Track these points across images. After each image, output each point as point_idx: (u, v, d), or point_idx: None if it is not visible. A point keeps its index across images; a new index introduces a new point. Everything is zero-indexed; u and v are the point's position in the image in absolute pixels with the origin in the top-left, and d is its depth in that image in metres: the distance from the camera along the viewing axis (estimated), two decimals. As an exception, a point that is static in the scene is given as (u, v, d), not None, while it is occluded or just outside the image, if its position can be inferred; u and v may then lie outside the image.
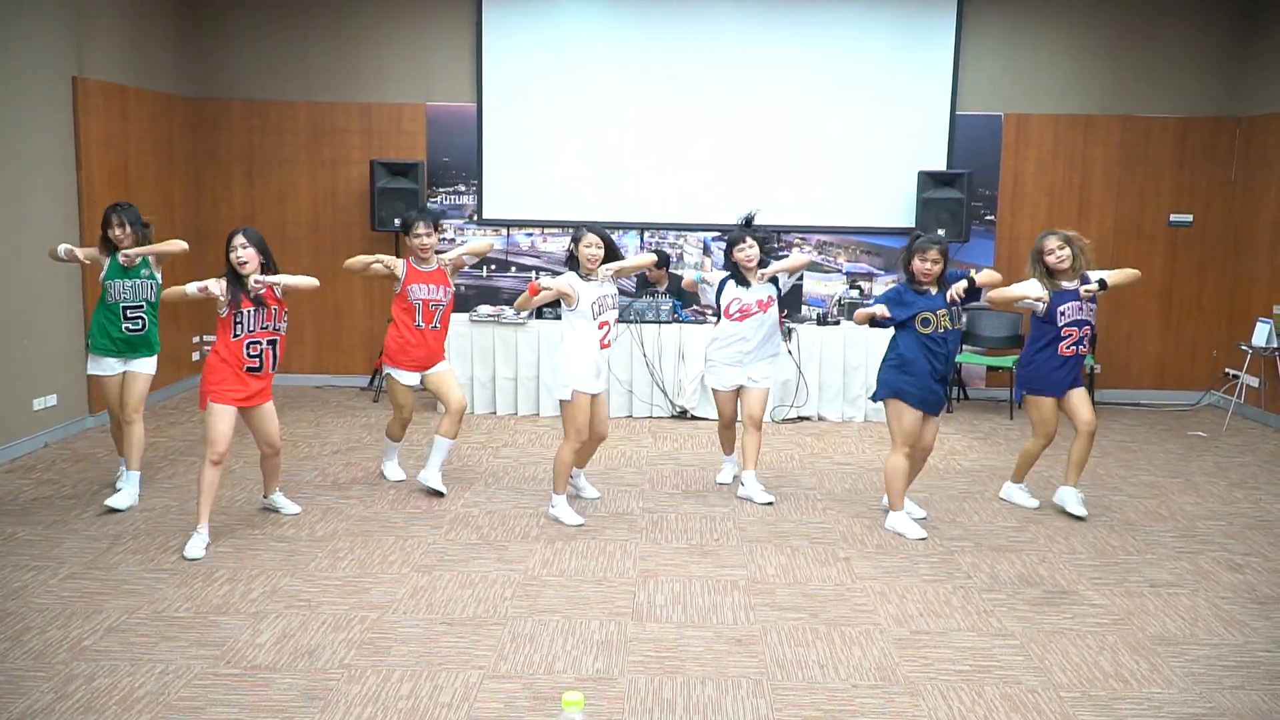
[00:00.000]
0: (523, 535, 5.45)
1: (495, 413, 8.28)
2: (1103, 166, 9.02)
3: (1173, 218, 9.09)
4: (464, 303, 9.08)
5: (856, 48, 8.88)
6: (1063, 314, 5.65)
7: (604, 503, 6.01)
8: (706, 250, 9.08)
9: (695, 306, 8.33)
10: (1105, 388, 9.14)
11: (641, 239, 7.14)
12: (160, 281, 5.85)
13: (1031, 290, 5.66)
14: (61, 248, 5.68)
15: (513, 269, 9.05)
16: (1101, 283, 5.56)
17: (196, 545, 5.04)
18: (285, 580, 4.79)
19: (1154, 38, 8.87)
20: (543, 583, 4.81)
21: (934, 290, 5.41)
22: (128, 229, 5.71)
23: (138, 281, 5.80)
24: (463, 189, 9.10)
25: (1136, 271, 5.71)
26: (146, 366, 5.86)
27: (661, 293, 8.52)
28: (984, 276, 5.44)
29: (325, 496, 6.04)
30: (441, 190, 9.09)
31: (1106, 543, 5.53)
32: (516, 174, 9.03)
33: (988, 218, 9.07)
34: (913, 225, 8.82)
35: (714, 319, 6.19)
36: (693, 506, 5.97)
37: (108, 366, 5.78)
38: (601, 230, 5.50)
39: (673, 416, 8.21)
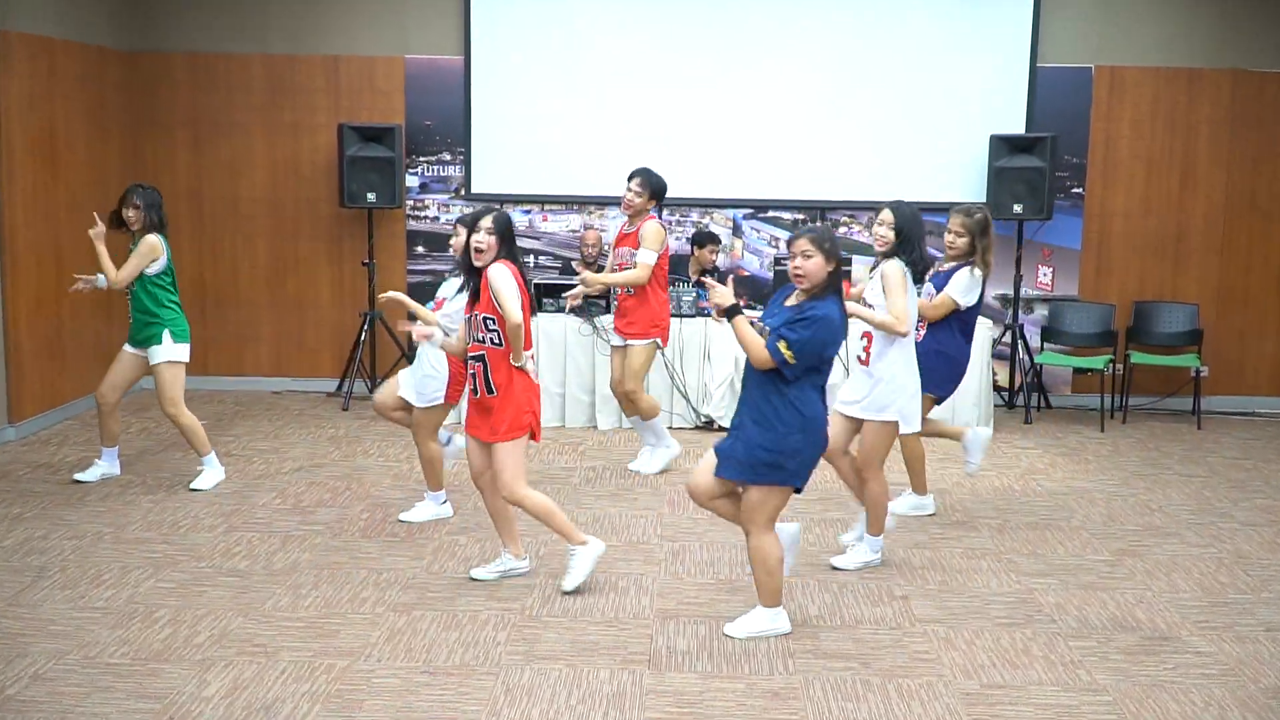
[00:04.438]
0: (527, 571, 5.45)
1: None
2: (1209, 130, 8.98)
3: (1295, 191, 9.04)
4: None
5: (916, -11, 8.87)
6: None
7: (616, 530, 6.03)
8: (737, 230, 9.08)
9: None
10: (1214, 394, 9.09)
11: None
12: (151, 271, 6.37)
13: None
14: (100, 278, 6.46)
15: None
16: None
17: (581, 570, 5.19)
18: (237, 622, 4.81)
19: (1273, -24, 8.84)
20: (542, 624, 4.82)
21: (795, 300, 4.63)
22: (140, 211, 6.35)
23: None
24: (448, 158, 9.13)
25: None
26: (152, 356, 6.45)
27: (687, 281, 8.52)
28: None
29: (285, 522, 6.07)
30: (423, 159, 9.12)
31: (1215, 579, 5.50)
32: (511, 141, 9.05)
33: (1074, 190, 9.04)
34: (983, 199, 8.79)
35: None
36: (720, 535, 5.97)
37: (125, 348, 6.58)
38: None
39: (696, 427, 8.21)
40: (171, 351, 6.44)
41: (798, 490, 4.61)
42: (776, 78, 8.94)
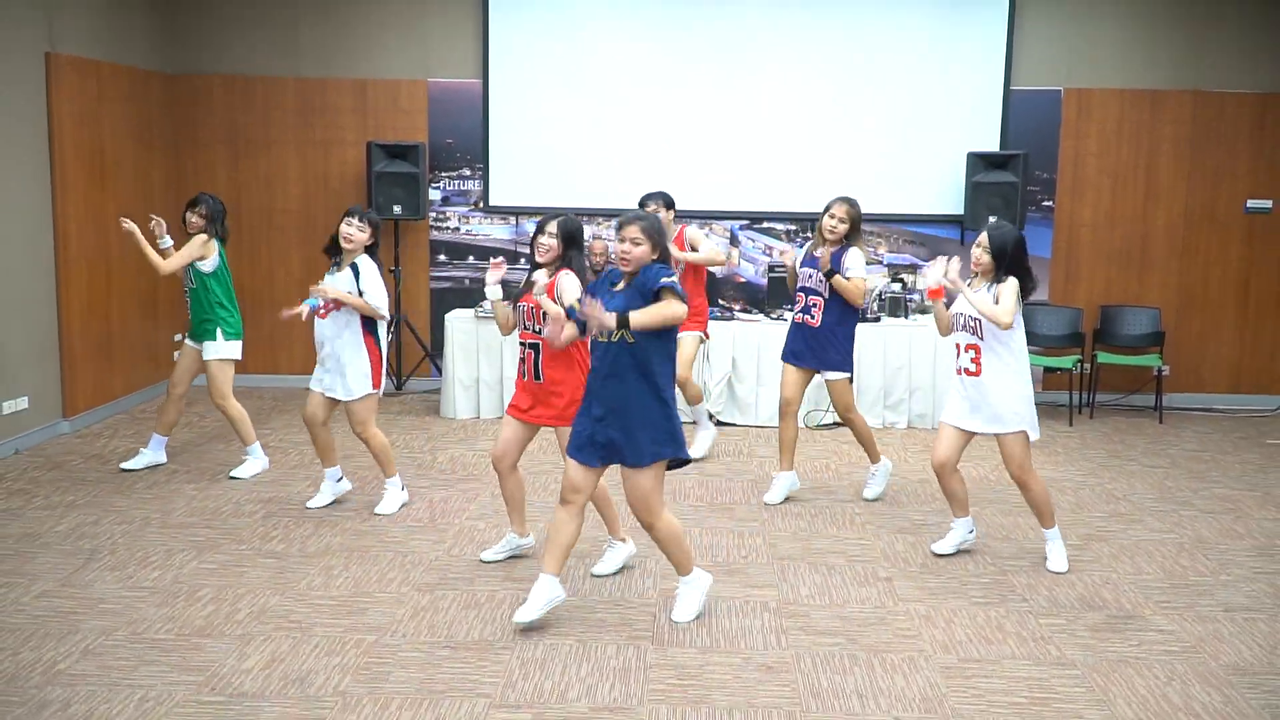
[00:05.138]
0: (533, 551, 5.47)
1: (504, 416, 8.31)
2: (1172, 147, 8.97)
3: (1250, 203, 9.03)
4: (467, 297, 9.13)
5: (898, 16, 8.87)
6: (801, 278, 6.18)
7: (621, 518, 6.03)
8: (734, 240, 9.08)
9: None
10: (1175, 391, 9.09)
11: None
12: (200, 269, 6.44)
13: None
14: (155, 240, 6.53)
15: (522, 260, 9.07)
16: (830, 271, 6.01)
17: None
18: (274, 600, 4.82)
19: (1228, 3, 8.82)
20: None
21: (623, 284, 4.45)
22: (203, 220, 6.42)
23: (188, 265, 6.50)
24: (468, 173, 9.14)
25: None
26: (205, 351, 6.51)
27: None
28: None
29: (318, 509, 6.08)
30: (444, 174, 9.14)
31: (1176, 563, 5.51)
32: (526, 157, 9.07)
33: (1045, 203, 9.04)
34: (961, 212, 8.80)
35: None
36: (719, 521, 5.98)
37: (187, 343, 6.65)
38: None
39: (695, 422, 8.20)
40: (222, 349, 6.50)
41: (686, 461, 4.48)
42: (771, 99, 8.96)
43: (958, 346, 5.25)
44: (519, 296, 5.06)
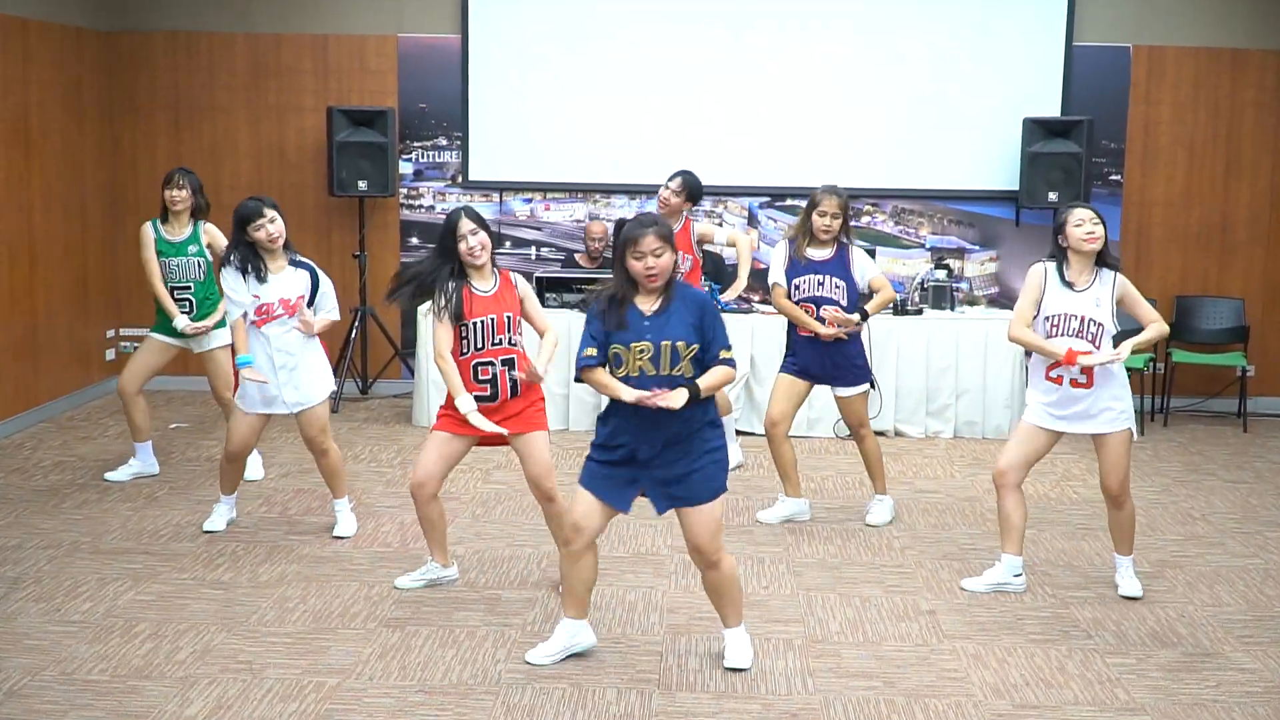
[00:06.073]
0: (520, 581, 5.47)
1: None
2: (1255, 114, 8.96)
3: (1347, 178, 9.03)
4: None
5: (943, -37, 8.86)
6: (797, 287, 6.14)
7: (623, 540, 6.04)
8: (753, 219, 9.08)
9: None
10: (1261, 395, 9.07)
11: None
12: (211, 260, 6.64)
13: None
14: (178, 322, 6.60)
15: (507, 243, 9.08)
16: (863, 313, 6.08)
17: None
18: (220, 637, 4.82)
19: (1324, -52, 8.81)
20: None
21: (651, 303, 4.44)
22: (189, 193, 6.61)
23: (184, 259, 6.63)
24: (444, 143, 9.14)
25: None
26: (213, 340, 6.67)
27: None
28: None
29: (270, 532, 6.08)
30: (417, 145, 9.14)
31: (1261, 592, 5.50)
32: (512, 125, 9.05)
33: (1112, 177, 9.03)
34: (1015, 187, 8.78)
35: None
36: (736, 545, 5.97)
37: (155, 336, 6.73)
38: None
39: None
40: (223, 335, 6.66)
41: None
42: (794, 59, 8.93)
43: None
44: (459, 316, 5.02)
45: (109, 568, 5.52)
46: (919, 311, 8.38)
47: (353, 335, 8.89)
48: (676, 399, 4.24)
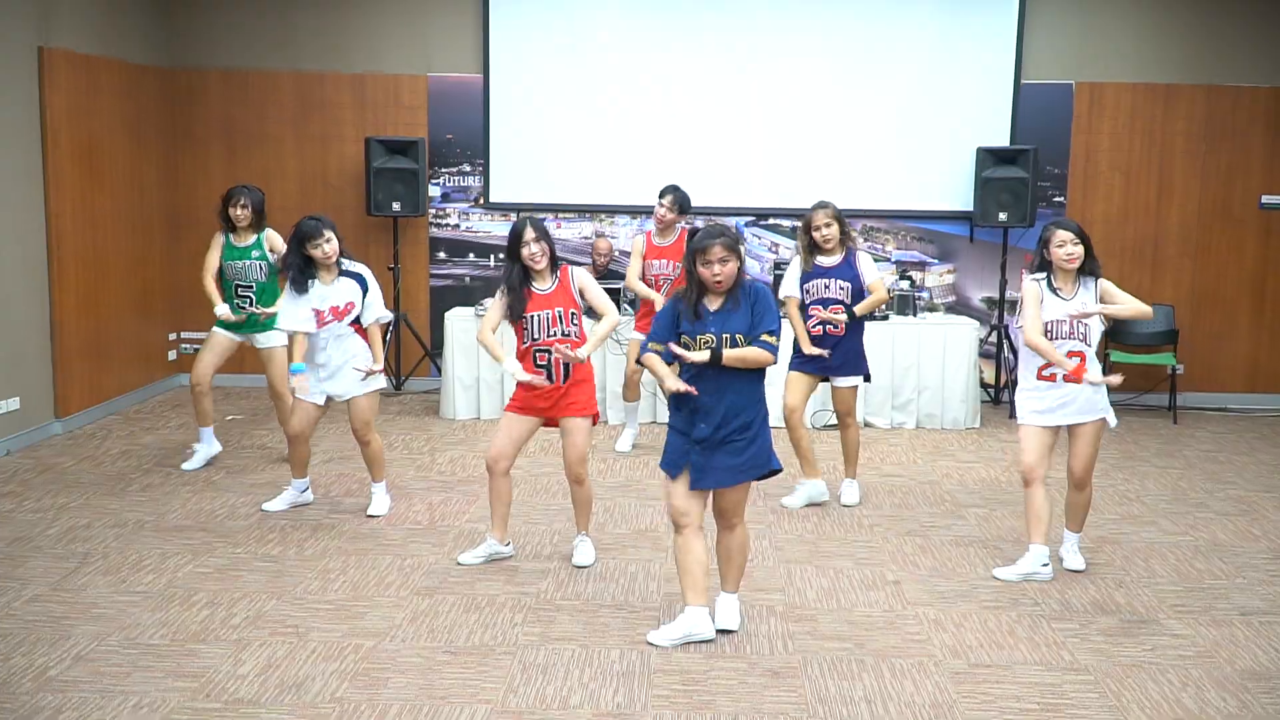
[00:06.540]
0: (534, 554, 5.46)
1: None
2: (1185, 142, 8.95)
3: (1265, 199, 9.00)
4: (467, 296, 9.11)
5: (907, 9, 8.84)
6: (807, 292, 6.15)
7: (625, 519, 6.02)
8: (740, 238, 9.05)
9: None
10: (1189, 391, 9.06)
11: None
12: (273, 261, 6.59)
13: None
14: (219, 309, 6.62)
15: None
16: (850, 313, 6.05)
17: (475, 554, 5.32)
18: (270, 604, 4.81)
19: (1244, -4, 8.80)
20: (557, 607, 4.82)
21: (717, 304, 4.44)
22: (250, 210, 6.57)
23: (248, 263, 6.60)
24: (468, 169, 9.13)
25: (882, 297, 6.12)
26: (271, 339, 6.65)
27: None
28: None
29: (315, 511, 6.07)
30: (444, 170, 9.13)
31: (1191, 566, 5.49)
32: (528, 153, 9.05)
33: (1056, 199, 9.02)
34: (970, 208, 8.78)
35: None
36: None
37: (219, 332, 6.68)
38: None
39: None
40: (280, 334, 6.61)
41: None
42: (777, 93, 8.94)
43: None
44: (519, 312, 5.05)
45: (170, 544, 5.51)
46: (885, 317, 8.36)
47: (387, 338, 8.87)
48: (699, 357, 4.26)
